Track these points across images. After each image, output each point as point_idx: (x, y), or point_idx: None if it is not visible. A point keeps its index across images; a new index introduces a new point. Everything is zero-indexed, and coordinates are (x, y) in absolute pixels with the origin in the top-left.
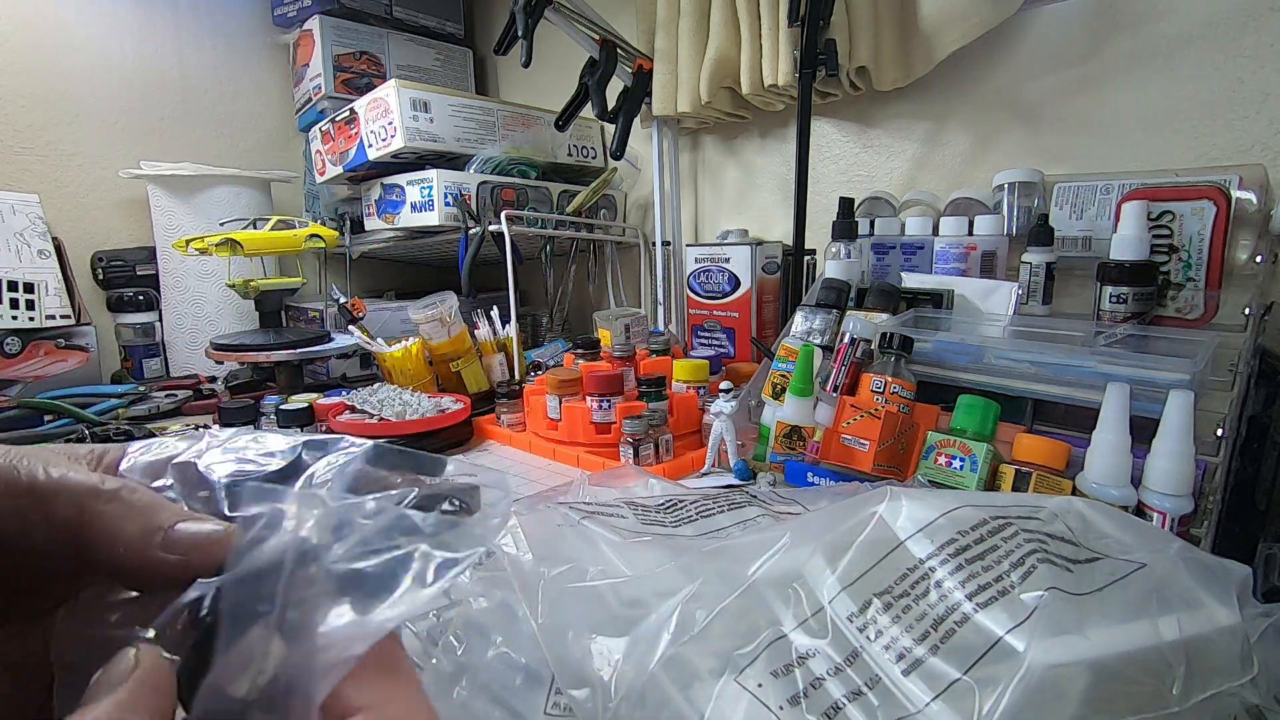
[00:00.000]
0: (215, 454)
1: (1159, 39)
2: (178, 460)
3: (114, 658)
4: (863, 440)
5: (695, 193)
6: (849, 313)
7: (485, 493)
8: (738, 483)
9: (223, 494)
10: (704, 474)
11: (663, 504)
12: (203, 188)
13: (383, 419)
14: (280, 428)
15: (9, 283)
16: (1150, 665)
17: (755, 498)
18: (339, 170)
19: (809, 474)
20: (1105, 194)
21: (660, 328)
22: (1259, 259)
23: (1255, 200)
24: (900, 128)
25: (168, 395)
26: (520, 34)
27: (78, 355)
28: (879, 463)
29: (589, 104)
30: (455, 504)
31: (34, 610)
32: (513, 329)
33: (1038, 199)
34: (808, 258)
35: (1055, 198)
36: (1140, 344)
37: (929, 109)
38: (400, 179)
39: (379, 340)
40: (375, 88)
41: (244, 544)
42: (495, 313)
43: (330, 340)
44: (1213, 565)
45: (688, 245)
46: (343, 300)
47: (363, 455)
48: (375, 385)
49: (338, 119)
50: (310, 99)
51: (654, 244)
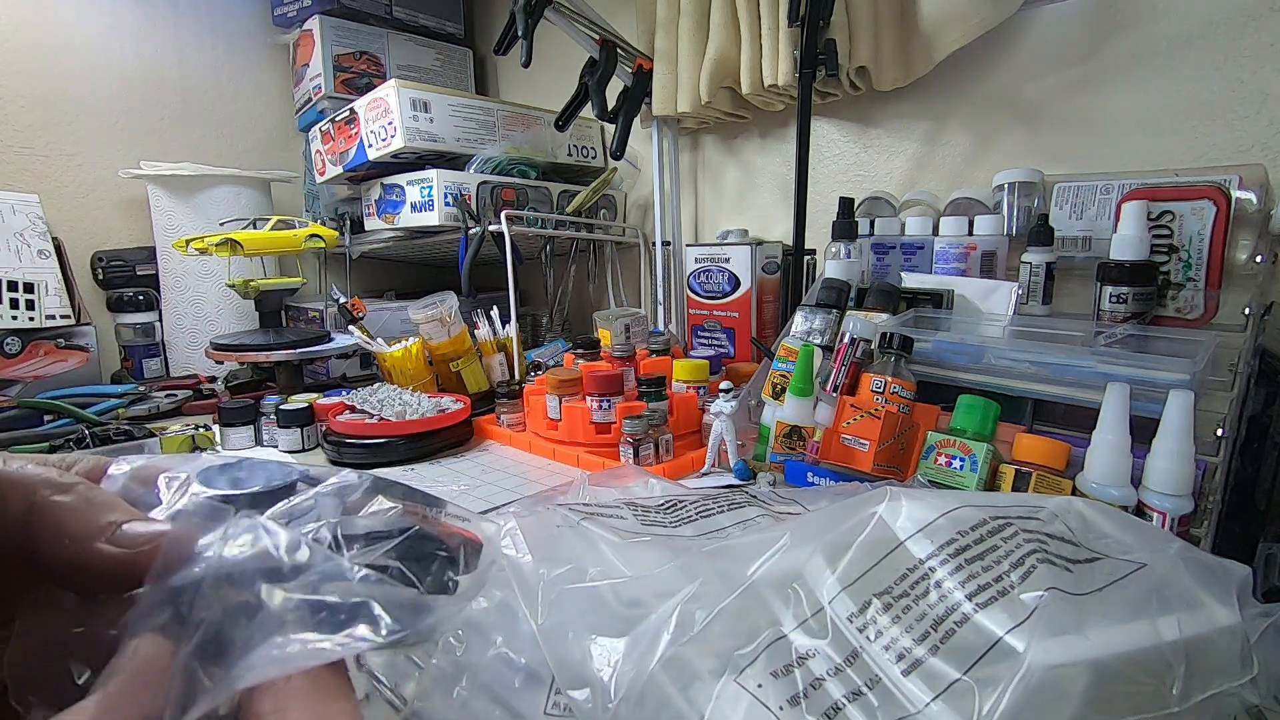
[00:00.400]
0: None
1: (1159, 39)
2: (141, 470)
3: (119, 649)
4: (863, 440)
5: (695, 193)
6: (849, 313)
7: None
8: (738, 483)
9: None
10: (704, 474)
11: (662, 504)
12: (203, 188)
13: (383, 419)
14: (280, 428)
15: (9, 283)
16: (1150, 665)
17: (755, 498)
18: (339, 170)
19: (809, 474)
20: (1105, 194)
21: (660, 328)
22: (1259, 259)
23: (1255, 200)
24: (900, 128)
25: (168, 395)
26: (520, 34)
27: (78, 355)
28: (879, 463)
29: (589, 104)
30: (445, 556)
31: None
32: (513, 329)
33: (1038, 199)
34: (808, 258)
35: (1055, 198)
36: (1140, 344)
37: (929, 109)
38: (400, 179)
39: (379, 340)
40: (375, 88)
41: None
42: (495, 313)
43: (330, 340)
44: (1213, 565)
45: (688, 245)
46: (343, 300)
47: (361, 485)
48: (375, 385)
49: (338, 119)
50: (310, 99)
51: (654, 244)
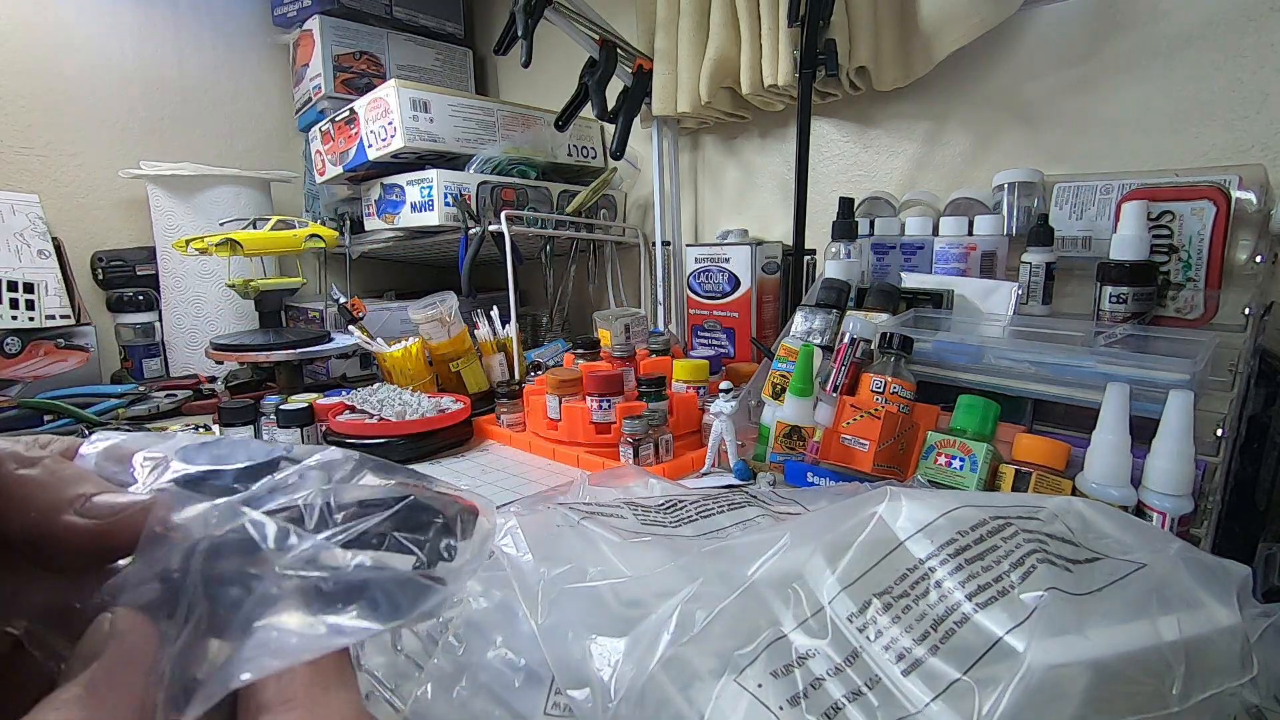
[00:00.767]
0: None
1: (1159, 39)
2: (121, 449)
3: (91, 626)
4: (863, 440)
5: (695, 193)
6: (849, 313)
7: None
8: (738, 483)
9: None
10: (704, 474)
11: (662, 504)
12: (203, 188)
13: (382, 419)
14: (280, 428)
15: (9, 283)
16: (1150, 665)
17: (755, 498)
18: (339, 170)
19: (809, 474)
20: (1105, 194)
21: (660, 328)
22: (1259, 259)
23: (1255, 200)
24: (900, 128)
25: (167, 395)
26: (520, 34)
27: (77, 355)
28: (879, 463)
29: (589, 104)
30: (441, 523)
31: None
32: (513, 329)
33: (1038, 199)
34: (808, 258)
35: (1055, 198)
36: (1140, 344)
37: (929, 109)
38: (400, 179)
39: (379, 340)
40: (375, 88)
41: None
42: (495, 313)
43: (330, 340)
44: (1213, 565)
45: (688, 245)
46: (343, 300)
47: (348, 461)
48: (375, 385)
49: (338, 119)
50: (310, 99)
51: (654, 244)
